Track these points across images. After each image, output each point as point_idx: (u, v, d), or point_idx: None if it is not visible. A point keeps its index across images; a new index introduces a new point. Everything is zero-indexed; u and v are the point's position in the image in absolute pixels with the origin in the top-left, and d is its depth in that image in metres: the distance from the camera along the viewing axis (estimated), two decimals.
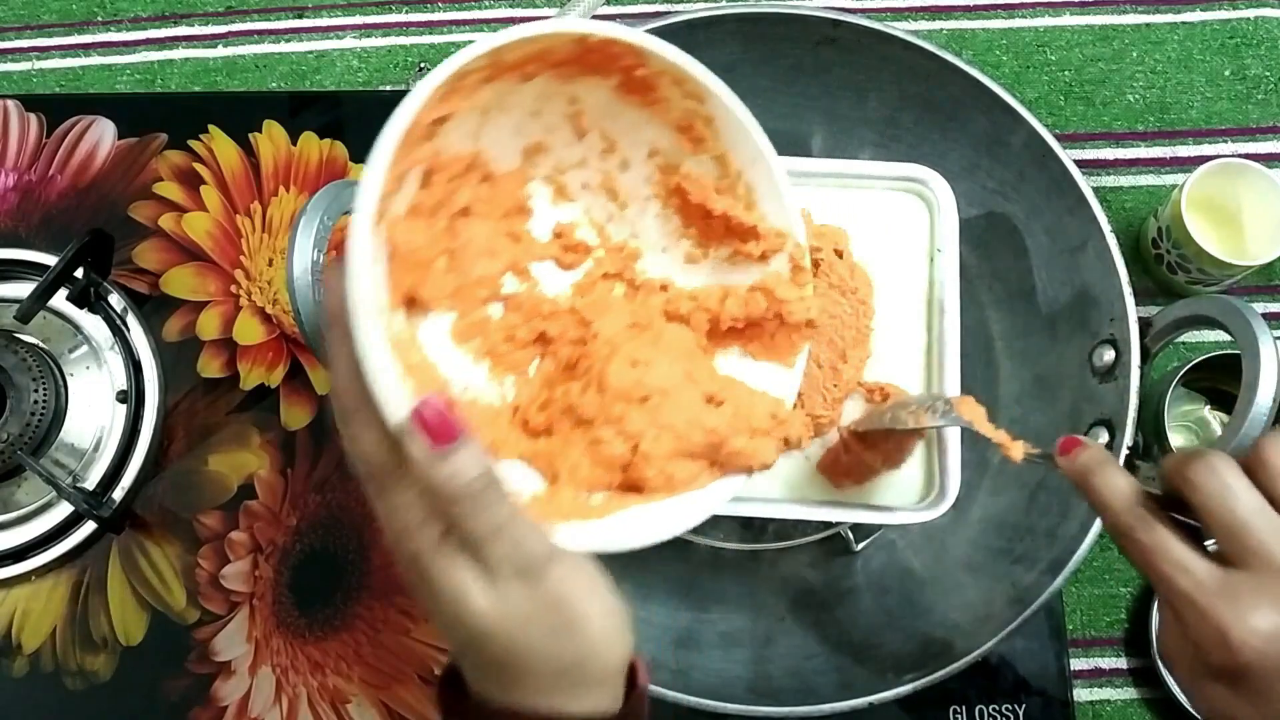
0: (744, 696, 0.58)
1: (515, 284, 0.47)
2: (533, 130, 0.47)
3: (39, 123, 0.78)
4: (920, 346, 0.58)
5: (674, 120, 0.47)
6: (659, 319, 0.48)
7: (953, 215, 0.59)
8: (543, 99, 0.46)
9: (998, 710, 0.65)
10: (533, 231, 0.48)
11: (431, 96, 0.39)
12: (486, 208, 0.46)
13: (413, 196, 0.43)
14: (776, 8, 0.65)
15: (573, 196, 0.49)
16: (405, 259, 0.42)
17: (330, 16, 0.84)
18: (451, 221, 0.45)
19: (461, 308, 0.45)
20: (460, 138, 0.45)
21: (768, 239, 0.47)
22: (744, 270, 0.48)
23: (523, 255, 0.48)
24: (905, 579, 0.65)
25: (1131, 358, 0.59)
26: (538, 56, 0.43)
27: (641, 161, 0.48)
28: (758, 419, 0.45)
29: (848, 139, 0.69)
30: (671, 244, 0.49)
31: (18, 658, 0.67)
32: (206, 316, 0.74)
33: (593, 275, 0.49)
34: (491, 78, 0.43)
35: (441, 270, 0.44)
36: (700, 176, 0.48)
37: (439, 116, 0.42)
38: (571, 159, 0.48)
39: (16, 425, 0.67)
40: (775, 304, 0.47)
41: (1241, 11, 0.81)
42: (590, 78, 0.45)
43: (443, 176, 0.44)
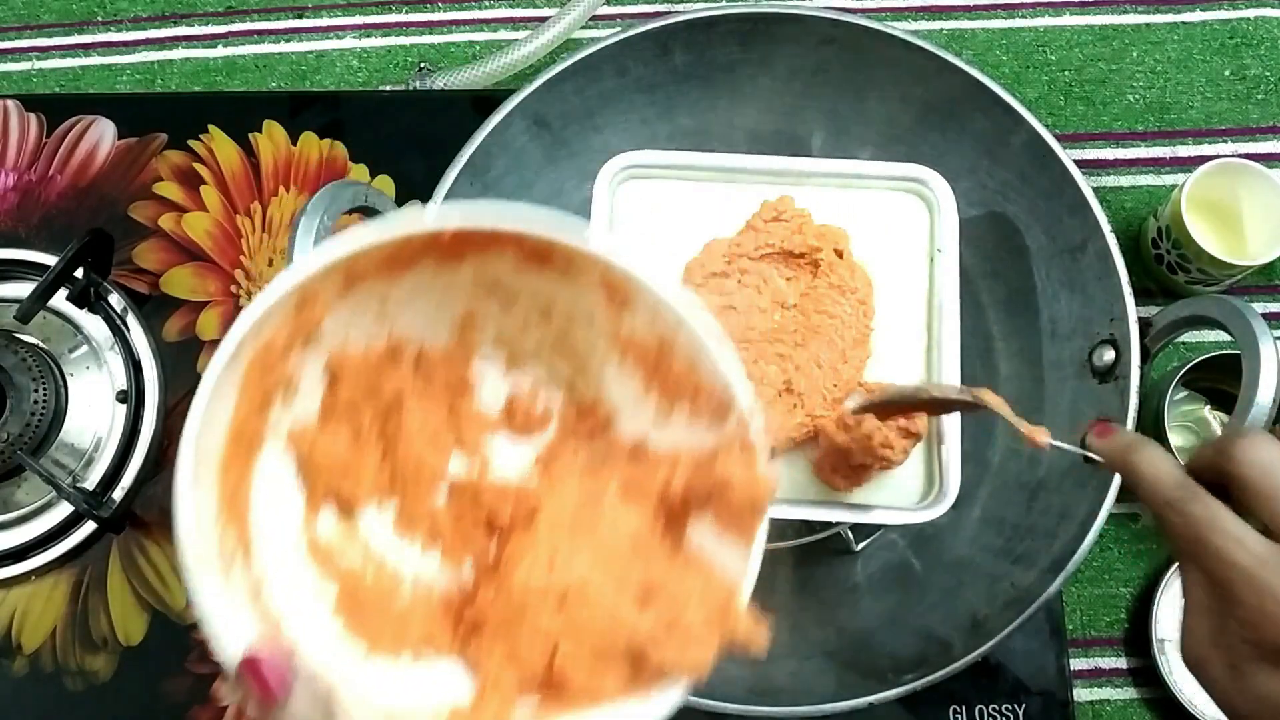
0: (744, 696, 0.58)
1: (463, 465, 0.44)
2: (455, 302, 0.43)
3: (39, 123, 0.78)
4: (920, 346, 0.58)
5: (593, 281, 0.42)
6: (613, 496, 0.43)
7: (953, 215, 0.59)
8: (446, 275, 0.42)
9: (998, 710, 0.65)
10: (481, 405, 0.45)
11: (271, 316, 0.37)
12: (423, 388, 0.43)
13: (320, 400, 0.41)
14: (776, 8, 0.65)
15: (530, 357, 0.45)
16: (317, 464, 0.41)
17: (330, 16, 0.84)
18: (383, 411, 0.42)
19: (403, 497, 0.43)
20: (364, 330, 0.42)
21: (713, 401, 0.42)
22: (703, 432, 0.43)
23: (469, 432, 0.44)
24: (905, 579, 0.65)
25: (1131, 358, 0.59)
26: (400, 252, 0.40)
27: (583, 320, 0.44)
28: (694, 618, 0.40)
29: (848, 139, 0.69)
30: (639, 400, 0.44)
31: (18, 658, 0.67)
32: (206, 316, 0.74)
33: (558, 442, 0.45)
34: (353, 282, 0.40)
35: (374, 462, 0.42)
36: (642, 332, 0.43)
37: (302, 330, 0.39)
38: (512, 324, 0.45)
39: (16, 425, 0.67)
40: (723, 485, 0.41)
41: (1241, 11, 0.81)
42: (486, 254, 0.41)
43: (353, 373, 0.42)
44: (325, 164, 0.77)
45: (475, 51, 0.83)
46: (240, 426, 0.38)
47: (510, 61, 0.77)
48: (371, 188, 0.58)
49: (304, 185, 0.76)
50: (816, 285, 0.58)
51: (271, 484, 0.40)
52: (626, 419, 0.44)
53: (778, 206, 0.58)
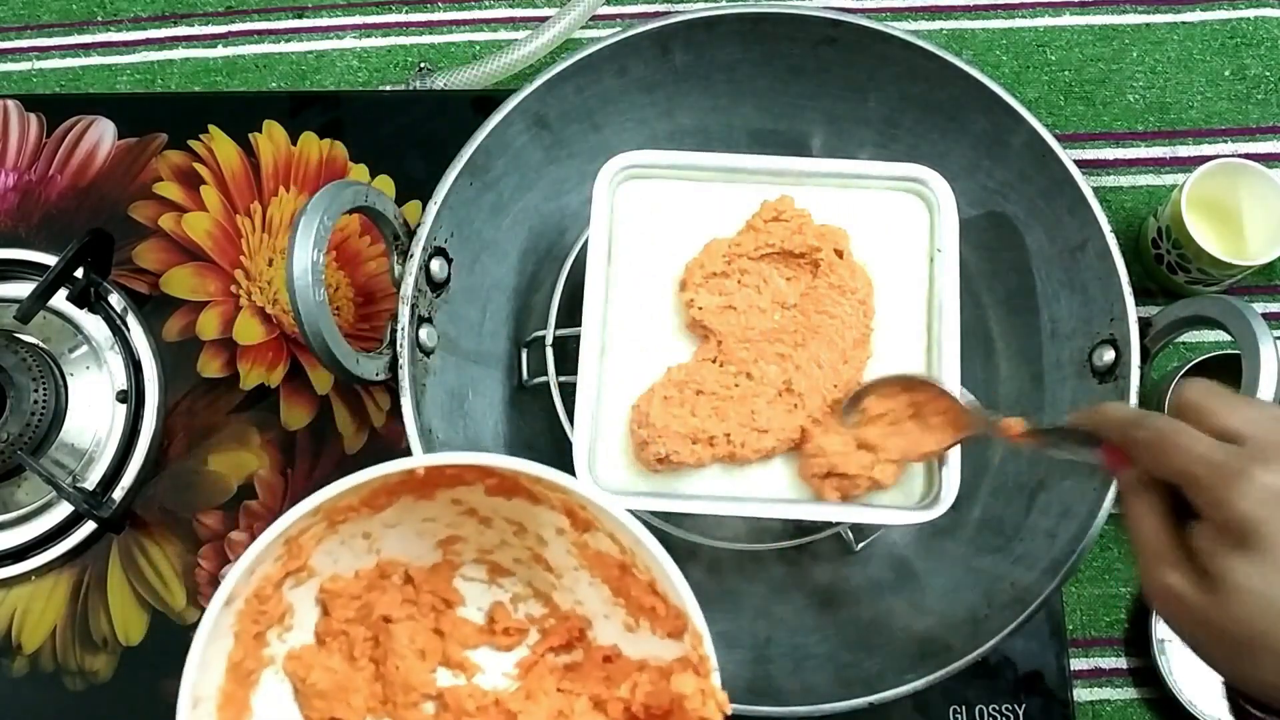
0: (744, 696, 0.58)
1: (449, 678, 0.48)
2: (436, 529, 0.47)
3: (39, 123, 0.78)
4: (920, 347, 0.58)
5: (558, 505, 0.46)
6: (584, 708, 0.46)
7: (953, 215, 0.59)
8: (423, 507, 0.46)
9: (998, 710, 0.65)
10: (465, 619, 0.49)
11: (262, 563, 0.41)
12: (410, 609, 0.47)
13: (316, 625, 0.45)
14: (776, 8, 0.65)
15: (509, 571, 0.50)
16: (313, 692, 0.43)
17: (330, 16, 0.84)
18: (374, 631, 0.46)
19: (394, 713, 0.46)
20: (352, 559, 0.46)
21: (670, 618, 0.45)
22: (666, 645, 0.45)
23: (454, 648, 0.48)
24: (905, 579, 0.65)
25: (1131, 358, 0.59)
26: (377, 493, 0.44)
27: (554, 537, 0.48)
28: None
29: (848, 139, 0.69)
30: (610, 610, 0.48)
31: (18, 658, 0.67)
32: (206, 316, 0.74)
33: (537, 650, 0.49)
34: (336, 522, 0.44)
35: (367, 682, 0.45)
36: (606, 552, 0.46)
37: (293, 569, 0.43)
38: (491, 541, 0.49)
39: (16, 425, 0.67)
40: (677, 697, 0.43)
41: (1241, 11, 0.81)
42: (455, 488, 0.45)
43: (344, 598, 0.45)
44: (325, 164, 0.77)
45: (475, 51, 0.83)
46: (237, 665, 0.42)
47: (510, 61, 0.77)
48: (371, 188, 0.58)
49: (304, 185, 0.76)
50: (816, 285, 0.58)
51: (271, 709, 0.43)
52: (600, 628, 0.48)
53: (778, 206, 0.58)
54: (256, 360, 0.73)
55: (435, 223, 0.61)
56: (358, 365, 0.57)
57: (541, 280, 0.69)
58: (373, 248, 0.75)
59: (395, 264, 0.61)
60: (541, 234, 0.69)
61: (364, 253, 0.75)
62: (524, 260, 0.68)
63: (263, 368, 0.72)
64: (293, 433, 0.71)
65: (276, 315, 0.74)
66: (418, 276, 0.60)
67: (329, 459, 0.70)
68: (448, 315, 0.63)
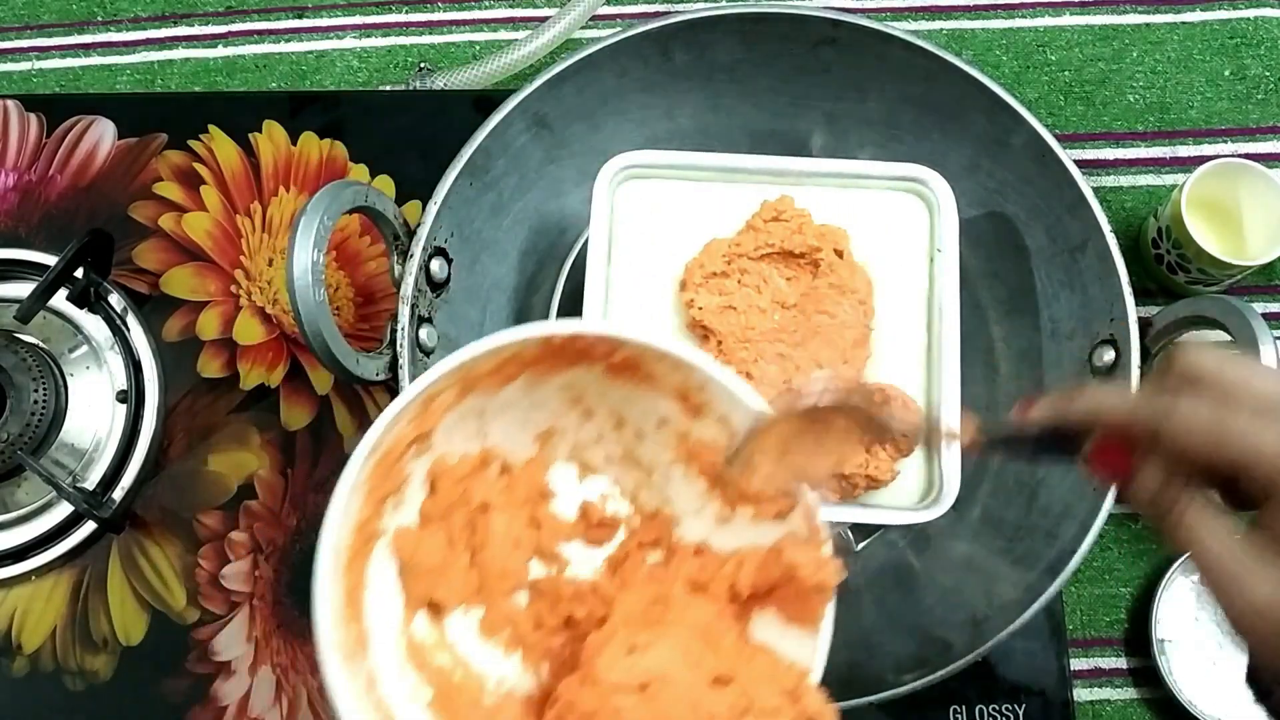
0: None
1: (541, 569, 0.48)
2: (539, 418, 0.48)
3: (39, 123, 0.78)
4: (920, 346, 0.59)
5: (670, 390, 0.46)
6: (681, 592, 0.46)
7: (953, 215, 0.59)
8: (536, 391, 0.46)
9: (998, 710, 0.65)
10: (557, 513, 0.49)
11: (401, 420, 0.41)
12: (506, 499, 0.47)
13: (420, 506, 0.44)
14: (776, 8, 0.65)
15: (599, 470, 0.50)
16: (418, 569, 0.43)
17: (330, 16, 0.84)
18: (470, 518, 0.46)
19: (488, 601, 0.46)
20: (464, 440, 0.46)
21: (777, 500, 0.45)
22: (767, 529, 0.46)
23: (548, 539, 0.48)
24: (905, 579, 0.65)
25: (1131, 358, 0.59)
26: (510, 360, 0.44)
27: (654, 431, 0.48)
28: (769, 699, 0.42)
29: (848, 139, 0.69)
30: (702, 505, 0.48)
31: (18, 658, 0.67)
32: (206, 316, 0.74)
33: (626, 546, 0.49)
34: (469, 387, 0.44)
35: (463, 569, 0.45)
36: (710, 440, 0.47)
37: (421, 433, 0.43)
38: (587, 437, 0.49)
39: (16, 425, 0.67)
40: (789, 568, 0.44)
41: (1241, 11, 0.81)
42: (575, 367, 0.46)
43: (449, 480, 0.45)
44: (325, 164, 0.77)
45: (475, 51, 0.83)
46: (361, 527, 0.41)
47: (510, 61, 0.77)
48: (371, 188, 0.58)
49: (304, 185, 0.76)
50: (816, 285, 0.58)
51: (378, 585, 0.42)
52: (689, 524, 0.48)
53: (778, 206, 0.59)
54: (256, 360, 0.73)
55: (435, 223, 0.61)
56: (358, 365, 0.57)
57: (541, 280, 0.69)
58: (373, 248, 0.75)
59: (395, 264, 0.61)
60: (541, 234, 0.69)
61: (364, 253, 0.75)
62: (524, 260, 0.68)
63: (263, 368, 0.72)
64: (293, 433, 0.71)
65: (276, 315, 0.74)
66: (418, 276, 0.60)
67: (329, 459, 0.71)
68: (448, 315, 0.63)
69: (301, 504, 0.70)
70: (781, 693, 0.42)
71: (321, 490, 0.70)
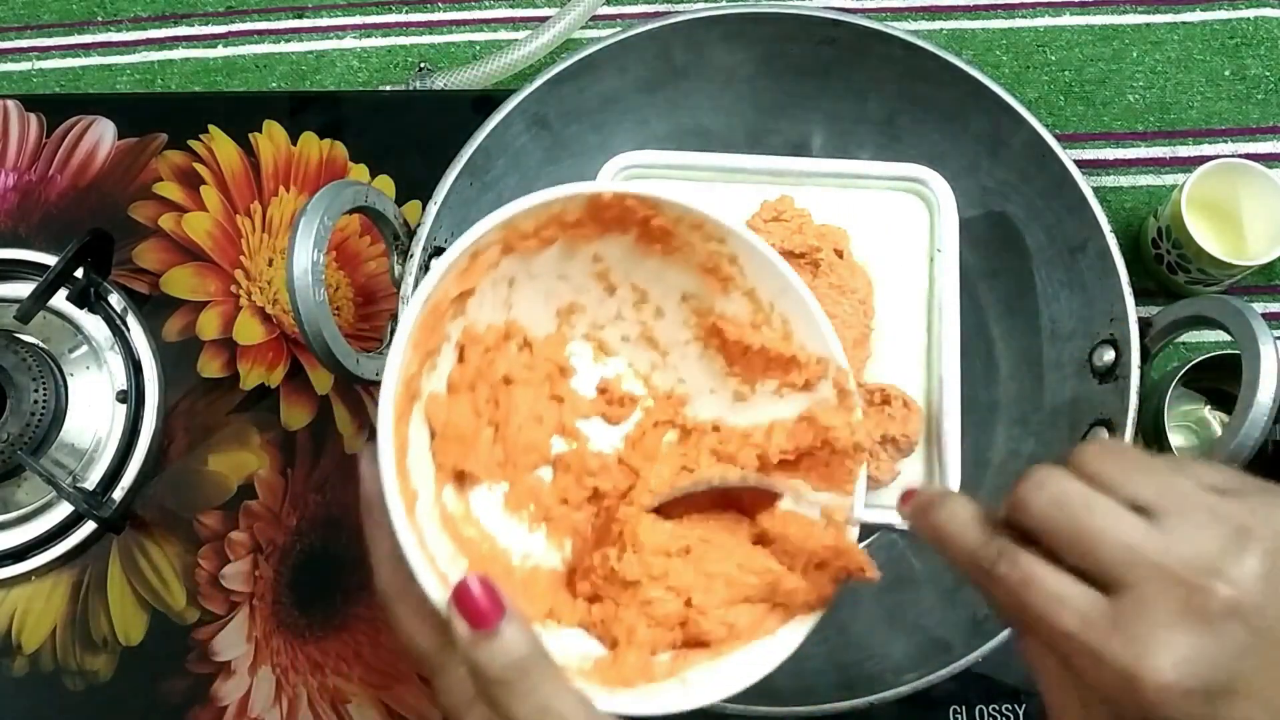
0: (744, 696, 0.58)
1: (563, 445, 0.48)
2: (563, 292, 0.48)
3: (39, 123, 0.78)
4: (920, 347, 0.58)
5: (698, 263, 0.47)
6: (708, 461, 0.47)
7: (953, 215, 0.59)
8: (566, 261, 0.47)
9: (998, 710, 0.65)
10: (577, 390, 0.49)
11: (450, 273, 0.41)
12: (527, 374, 0.47)
13: (450, 372, 0.44)
14: (776, 8, 0.65)
15: (614, 351, 0.50)
16: (448, 437, 0.43)
17: (330, 16, 0.84)
18: (493, 392, 0.46)
19: (512, 476, 0.46)
20: (491, 309, 0.46)
21: (808, 367, 0.46)
22: (791, 401, 0.47)
23: (569, 415, 0.48)
24: (905, 579, 0.65)
25: (1131, 358, 0.59)
26: (552, 221, 0.44)
27: (675, 307, 0.49)
28: (812, 551, 0.44)
29: (848, 139, 0.69)
30: (718, 384, 0.49)
31: (18, 658, 0.67)
32: (206, 316, 0.74)
33: (643, 425, 0.49)
34: (510, 248, 0.44)
35: (488, 442, 0.45)
36: (734, 315, 0.47)
37: (463, 291, 0.43)
38: (606, 315, 0.49)
39: (16, 425, 0.67)
40: (822, 431, 0.45)
41: (1241, 11, 0.81)
42: (609, 235, 0.46)
43: (477, 349, 0.45)
44: (325, 164, 0.77)
45: (475, 51, 0.83)
46: (408, 383, 0.41)
47: (510, 61, 0.77)
48: (371, 188, 0.58)
49: (304, 185, 0.76)
50: (816, 285, 0.58)
51: (415, 450, 0.42)
52: (702, 404, 0.49)
53: (778, 206, 0.59)
54: (256, 360, 0.73)
55: (435, 223, 0.61)
56: (358, 365, 0.57)
57: None
58: (373, 248, 0.75)
59: (395, 264, 0.61)
60: None
61: (364, 253, 0.75)
62: None
63: (263, 368, 0.72)
64: (293, 433, 0.71)
65: (276, 315, 0.74)
66: (418, 276, 0.60)
67: (329, 459, 0.71)
68: None
69: (301, 504, 0.70)
70: (823, 548, 0.43)
71: (321, 490, 0.70)
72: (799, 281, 0.46)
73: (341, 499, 0.70)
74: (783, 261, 0.46)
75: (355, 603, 0.68)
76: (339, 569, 0.69)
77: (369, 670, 0.67)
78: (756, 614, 0.43)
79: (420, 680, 0.67)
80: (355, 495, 0.71)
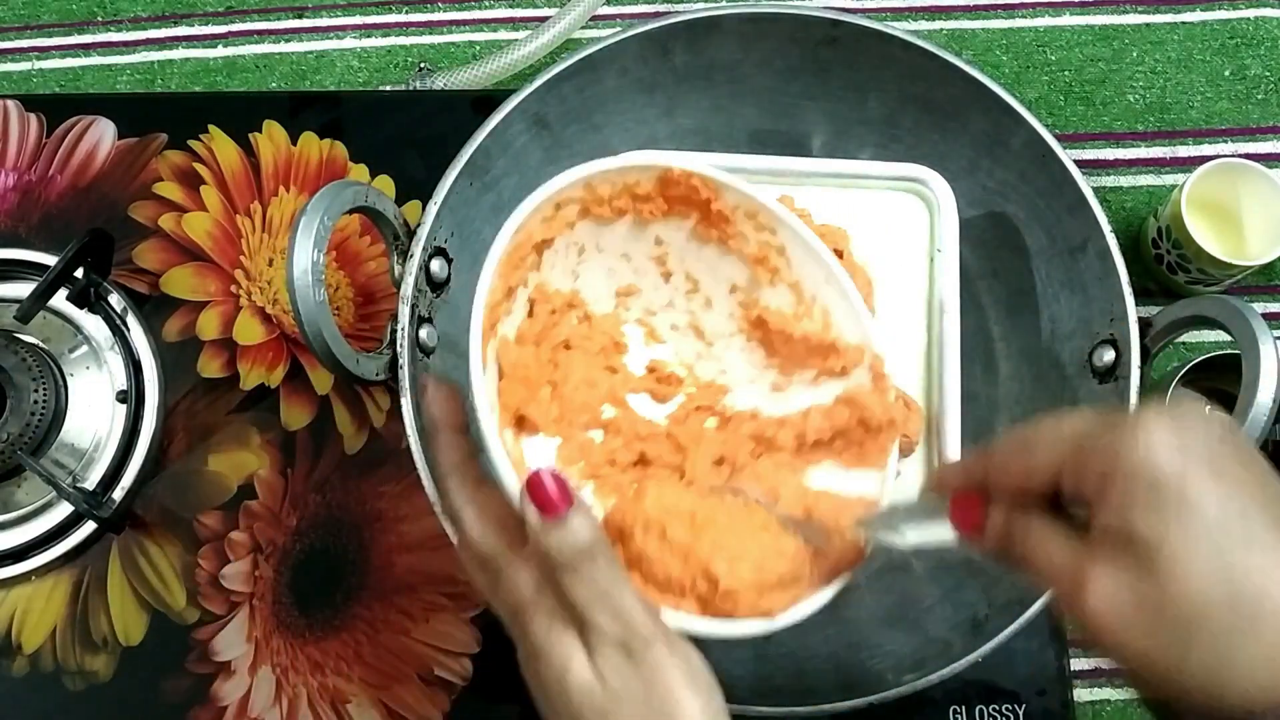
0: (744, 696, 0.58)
1: (613, 412, 0.50)
2: (624, 272, 0.51)
3: (39, 123, 0.78)
4: (920, 347, 0.59)
5: (750, 254, 0.49)
6: (747, 447, 0.49)
7: (953, 215, 0.59)
8: (632, 240, 0.49)
9: (998, 710, 0.65)
10: (628, 366, 0.51)
11: (535, 215, 0.44)
12: (585, 343, 0.49)
13: (520, 323, 0.47)
14: (776, 8, 0.65)
15: (663, 339, 0.52)
16: (515, 378, 0.45)
17: (330, 16, 0.84)
18: (554, 353, 0.48)
19: (565, 432, 0.47)
20: (560, 275, 0.48)
21: (846, 354, 0.48)
22: (827, 388, 0.49)
23: (620, 387, 0.50)
24: (905, 579, 0.65)
25: (1131, 358, 0.59)
26: (625, 191, 0.47)
27: (723, 298, 0.51)
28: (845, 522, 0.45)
29: (848, 139, 0.69)
30: (757, 375, 0.51)
31: (18, 658, 0.67)
32: (206, 316, 0.74)
33: (686, 408, 0.51)
34: (587, 211, 0.47)
35: (546, 398, 0.47)
36: (779, 307, 0.50)
37: (543, 239, 0.46)
38: (660, 301, 0.52)
39: (16, 425, 0.67)
40: (858, 411, 0.47)
41: (1241, 11, 0.81)
42: (673, 216, 0.49)
43: (545, 308, 0.48)
44: (325, 164, 0.77)
45: (475, 51, 0.83)
46: (492, 309, 0.43)
47: (510, 61, 0.77)
48: (371, 188, 0.58)
49: (304, 185, 0.76)
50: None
51: (486, 386, 0.44)
52: (741, 394, 0.51)
53: None
54: (256, 360, 0.73)
55: (435, 223, 0.61)
56: (358, 365, 0.57)
57: None
58: (373, 248, 0.75)
59: (395, 264, 0.61)
60: None
61: (364, 253, 0.75)
62: None
63: (263, 368, 0.72)
64: (293, 433, 0.71)
65: (276, 315, 0.74)
66: (418, 276, 0.60)
67: (329, 459, 0.71)
68: (448, 315, 0.63)
69: (301, 504, 0.70)
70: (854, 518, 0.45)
71: (321, 490, 0.70)
72: (842, 271, 0.48)
73: (341, 499, 0.70)
74: (828, 251, 0.48)
75: (355, 603, 0.68)
76: (339, 569, 0.69)
77: (369, 670, 0.67)
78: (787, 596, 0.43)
79: (420, 680, 0.67)
80: (356, 496, 0.71)
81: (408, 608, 0.68)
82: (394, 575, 0.69)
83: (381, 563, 0.69)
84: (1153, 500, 0.32)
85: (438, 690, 0.66)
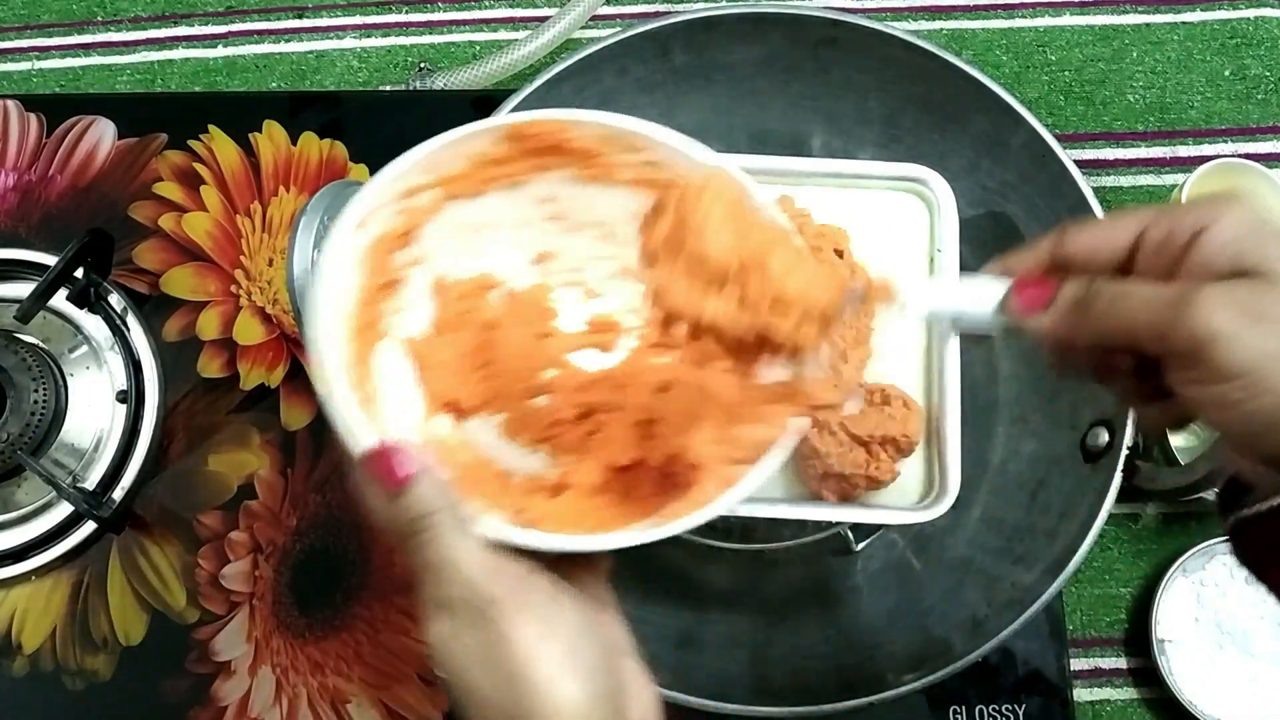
0: (744, 696, 0.58)
1: (555, 374, 0.48)
2: (529, 239, 0.49)
3: (39, 123, 0.78)
4: (920, 346, 0.58)
5: (633, 179, 0.47)
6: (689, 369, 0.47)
7: (953, 215, 0.59)
8: (521, 206, 0.48)
9: (998, 710, 0.65)
10: (563, 328, 0.50)
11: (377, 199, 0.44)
12: (514, 318, 0.48)
13: (434, 315, 0.46)
14: (776, 8, 0.65)
15: (600, 291, 0.50)
16: (432, 369, 0.45)
17: (330, 16, 0.84)
18: (480, 337, 0.47)
19: (507, 406, 0.47)
20: (459, 260, 0.47)
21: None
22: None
23: (558, 348, 0.49)
24: (905, 579, 0.65)
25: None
26: (481, 161, 0.46)
27: (634, 231, 0.49)
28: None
29: (848, 139, 0.69)
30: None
31: (18, 658, 0.67)
32: (206, 316, 0.74)
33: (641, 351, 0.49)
34: (450, 194, 0.46)
35: (479, 379, 0.46)
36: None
37: (407, 228, 0.45)
38: (581, 255, 0.50)
39: (16, 425, 0.67)
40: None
41: (1241, 11, 0.81)
42: (549, 170, 0.47)
43: (451, 295, 0.47)
44: (325, 164, 0.77)
45: (475, 51, 0.83)
46: (367, 299, 0.43)
47: (510, 61, 0.77)
48: None
49: (304, 185, 0.76)
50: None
51: (392, 382, 0.43)
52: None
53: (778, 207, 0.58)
54: (256, 360, 0.73)
55: None
56: None
57: None
58: None
59: None
60: None
61: None
62: None
63: (263, 368, 0.72)
64: (293, 433, 0.71)
65: (276, 315, 0.74)
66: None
67: (329, 459, 0.71)
68: None
69: (301, 504, 0.70)
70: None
71: (321, 490, 0.70)
72: (713, 155, 0.46)
73: (341, 499, 0.70)
74: (699, 146, 0.46)
75: (355, 603, 0.68)
76: (339, 569, 0.69)
77: (369, 670, 0.67)
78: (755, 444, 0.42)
79: (420, 680, 0.67)
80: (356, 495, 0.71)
81: (408, 608, 0.68)
82: (394, 575, 0.69)
83: (381, 563, 0.69)
84: (1265, 231, 0.35)
85: (438, 690, 0.66)
